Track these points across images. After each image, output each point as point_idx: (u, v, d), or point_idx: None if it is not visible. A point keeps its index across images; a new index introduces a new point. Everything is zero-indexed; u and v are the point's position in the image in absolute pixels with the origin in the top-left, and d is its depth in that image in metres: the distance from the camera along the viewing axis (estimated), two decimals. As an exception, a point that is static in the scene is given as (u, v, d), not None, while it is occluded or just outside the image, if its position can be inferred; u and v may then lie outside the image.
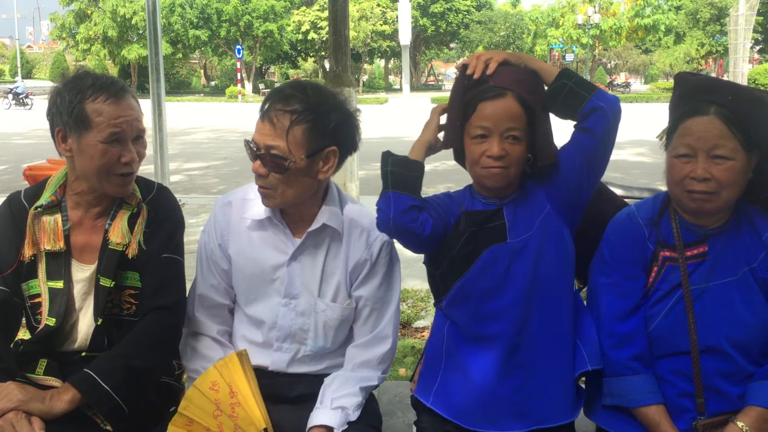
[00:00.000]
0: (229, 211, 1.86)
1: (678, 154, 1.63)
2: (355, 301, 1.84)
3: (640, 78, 79.76)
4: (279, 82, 55.75)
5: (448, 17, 57.67)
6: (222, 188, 10.27)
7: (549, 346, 1.72)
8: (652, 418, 1.65)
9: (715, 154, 1.58)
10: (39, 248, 1.78)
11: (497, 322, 1.70)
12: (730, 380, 1.65)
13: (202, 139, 18.43)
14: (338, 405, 1.72)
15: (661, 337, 1.68)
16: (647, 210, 1.74)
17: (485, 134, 1.66)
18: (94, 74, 1.77)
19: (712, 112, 1.59)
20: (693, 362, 1.64)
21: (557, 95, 1.71)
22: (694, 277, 1.66)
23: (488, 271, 1.70)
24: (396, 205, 1.65)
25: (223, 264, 1.85)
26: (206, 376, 1.72)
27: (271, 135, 1.67)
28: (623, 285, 1.71)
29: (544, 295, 1.71)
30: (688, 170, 1.60)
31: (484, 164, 1.67)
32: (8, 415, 1.56)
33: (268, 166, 1.69)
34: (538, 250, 1.71)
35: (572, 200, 1.73)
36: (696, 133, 1.60)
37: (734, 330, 1.64)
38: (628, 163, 12.33)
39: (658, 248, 1.70)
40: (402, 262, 1.92)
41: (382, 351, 1.84)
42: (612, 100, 1.69)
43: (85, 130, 1.71)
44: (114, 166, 1.74)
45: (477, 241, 1.72)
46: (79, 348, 1.82)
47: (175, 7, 47.54)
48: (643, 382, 1.67)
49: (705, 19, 48.16)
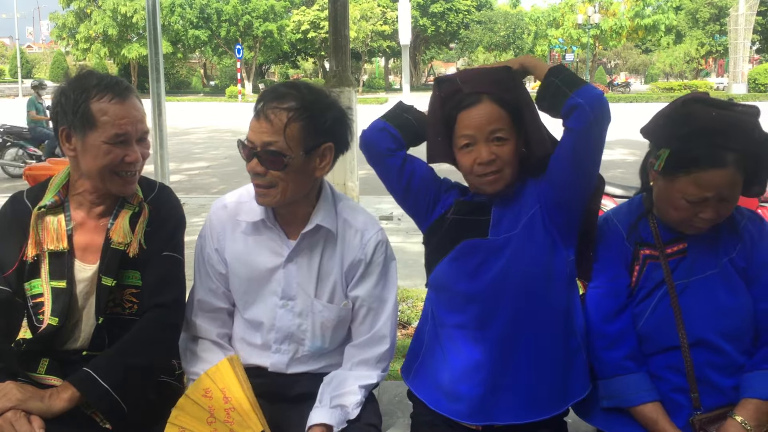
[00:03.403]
0: (224, 214, 1.86)
1: (686, 197, 1.61)
2: (351, 302, 1.84)
3: (640, 78, 79.74)
4: (279, 82, 55.62)
5: (448, 17, 57.62)
6: (222, 188, 10.28)
7: (542, 350, 1.69)
8: (649, 415, 1.66)
9: (725, 198, 1.60)
10: (42, 248, 1.78)
11: (463, 314, 1.72)
12: (722, 372, 1.66)
13: (202, 139, 18.43)
14: (337, 403, 1.72)
15: (649, 334, 1.70)
16: (623, 213, 1.80)
17: (470, 143, 1.67)
18: (99, 74, 1.78)
19: (730, 163, 1.57)
20: (684, 356, 1.66)
21: (545, 94, 1.69)
22: (677, 273, 1.69)
23: (460, 263, 1.72)
24: (375, 124, 1.84)
25: (220, 268, 1.85)
26: (198, 383, 1.71)
27: (268, 132, 1.68)
28: (608, 285, 1.74)
29: (520, 294, 1.68)
30: (696, 212, 1.62)
31: (477, 172, 1.68)
32: (7, 414, 1.57)
33: (266, 164, 1.69)
34: (519, 248, 1.70)
35: (562, 199, 1.69)
36: (712, 186, 1.58)
37: (721, 321, 1.66)
38: (627, 163, 12.36)
39: (638, 247, 1.73)
40: (402, 263, 1.94)
41: (381, 351, 1.84)
42: (594, 96, 1.61)
43: (89, 129, 1.71)
44: (118, 166, 1.75)
45: (457, 230, 1.75)
46: (80, 347, 1.82)
47: (175, 6, 47.50)
48: (638, 380, 1.68)
49: (705, 19, 48.17)
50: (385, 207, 8.28)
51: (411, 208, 1.86)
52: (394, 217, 7.70)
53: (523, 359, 1.69)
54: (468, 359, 1.71)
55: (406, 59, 16.32)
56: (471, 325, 1.72)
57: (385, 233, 1.87)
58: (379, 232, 1.84)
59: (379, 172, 1.85)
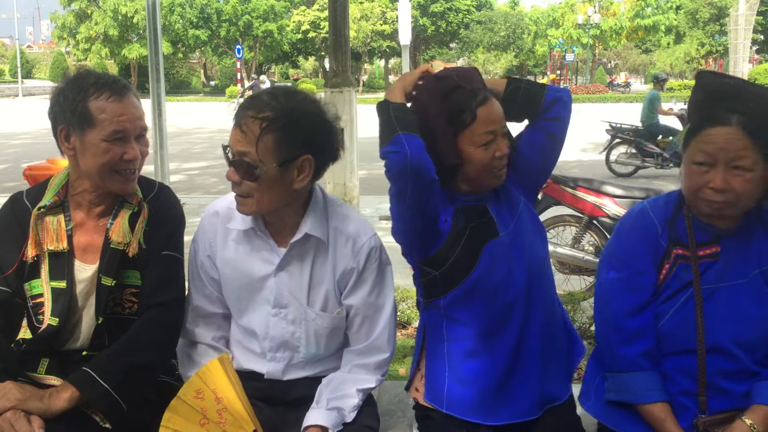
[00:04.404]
0: (215, 221, 1.83)
1: (696, 161, 1.60)
2: (345, 310, 1.81)
3: (640, 78, 79.69)
4: (279, 82, 55.77)
5: (448, 17, 57.58)
6: (222, 188, 10.28)
7: (547, 329, 1.78)
8: (657, 415, 1.65)
9: (735, 165, 1.56)
10: (42, 248, 1.78)
11: (508, 315, 1.72)
12: (732, 379, 1.65)
13: (202, 139, 18.43)
14: (334, 406, 1.71)
15: (668, 335, 1.68)
16: (660, 207, 1.73)
17: (492, 138, 1.69)
18: (97, 73, 1.78)
19: (734, 122, 1.55)
20: (699, 361, 1.64)
21: (514, 98, 1.79)
22: (706, 276, 1.66)
23: (494, 267, 1.71)
24: (411, 143, 1.60)
25: (213, 274, 1.83)
26: (189, 385, 1.70)
27: (242, 142, 1.64)
28: (634, 281, 1.70)
29: (538, 283, 1.76)
30: (707, 179, 1.59)
31: (495, 166, 1.71)
32: (7, 414, 1.57)
33: (239, 173, 1.66)
34: (525, 240, 1.76)
35: (537, 186, 1.90)
36: (717, 143, 1.56)
37: (742, 331, 1.64)
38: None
39: (671, 245, 1.69)
40: (402, 263, 1.91)
41: (379, 359, 1.82)
42: (565, 89, 1.84)
43: (88, 127, 1.71)
44: (117, 163, 1.75)
45: (475, 237, 1.73)
46: (80, 347, 1.82)
47: (174, 6, 47.50)
48: (650, 379, 1.67)
49: (705, 19, 48.14)
50: (386, 207, 8.27)
51: (424, 231, 1.72)
52: (394, 217, 7.70)
53: (549, 341, 1.78)
54: (513, 357, 1.73)
55: (406, 59, 16.30)
56: (514, 324, 1.72)
57: (378, 238, 1.82)
58: (372, 238, 1.79)
59: (417, 197, 1.63)
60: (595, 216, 4.87)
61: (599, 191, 4.84)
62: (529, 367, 1.74)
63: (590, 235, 5.02)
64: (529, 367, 1.74)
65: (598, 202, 4.82)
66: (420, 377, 1.84)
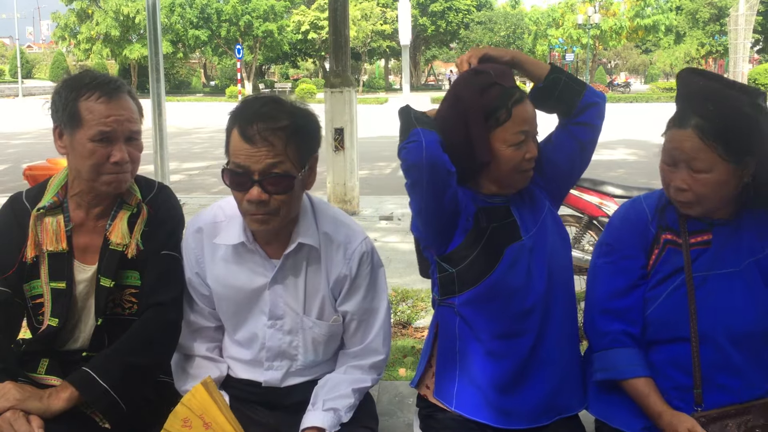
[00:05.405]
0: (200, 237, 1.79)
1: (663, 160, 1.67)
2: (341, 316, 1.80)
3: (640, 78, 79.72)
4: (279, 82, 55.77)
5: (448, 17, 57.63)
6: (222, 188, 10.27)
7: (565, 337, 1.76)
8: (641, 390, 1.65)
9: (692, 167, 1.60)
10: (42, 249, 1.78)
11: (526, 321, 1.70)
12: (725, 372, 1.64)
13: (202, 139, 18.43)
14: (330, 407, 1.71)
15: (659, 321, 1.69)
16: (654, 198, 1.77)
17: (525, 139, 1.67)
18: (94, 73, 1.77)
19: (691, 126, 1.59)
20: (692, 350, 1.64)
21: (553, 89, 1.73)
22: (697, 264, 1.67)
23: (515, 270, 1.70)
24: (427, 136, 1.59)
25: (203, 290, 1.81)
26: (175, 415, 1.66)
27: (268, 154, 1.58)
28: (621, 263, 1.73)
29: (559, 291, 1.74)
30: (671, 178, 1.65)
31: (523, 168, 1.70)
32: (6, 414, 1.56)
33: (270, 190, 1.59)
34: (548, 246, 1.73)
35: (563, 191, 1.86)
36: (674, 145, 1.62)
37: (733, 321, 1.64)
38: (628, 162, 12.33)
39: (660, 231, 1.71)
40: (402, 263, 1.92)
41: (374, 360, 1.83)
42: (602, 95, 1.79)
43: (77, 127, 1.71)
44: (104, 165, 1.73)
45: (497, 238, 1.71)
46: (80, 347, 1.82)
47: (175, 6, 47.50)
48: (632, 354, 1.68)
49: (705, 19, 48.15)
50: (386, 207, 8.28)
51: (443, 226, 1.70)
52: (394, 217, 7.68)
53: (566, 349, 1.76)
54: (528, 361, 1.71)
55: (406, 59, 16.31)
56: (532, 329, 1.71)
57: (370, 242, 1.81)
58: (363, 243, 1.78)
59: (434, 189, 1.62)
60: (595, 216, 4.86)
61: (599, 191, 4.83)
62: (543, 374, 1.72)
63: (590, 235, 5.01)
64: (543, 375, 1.72)
65: (598, 202, 4.82)
66: (431, 374, 1.83)
